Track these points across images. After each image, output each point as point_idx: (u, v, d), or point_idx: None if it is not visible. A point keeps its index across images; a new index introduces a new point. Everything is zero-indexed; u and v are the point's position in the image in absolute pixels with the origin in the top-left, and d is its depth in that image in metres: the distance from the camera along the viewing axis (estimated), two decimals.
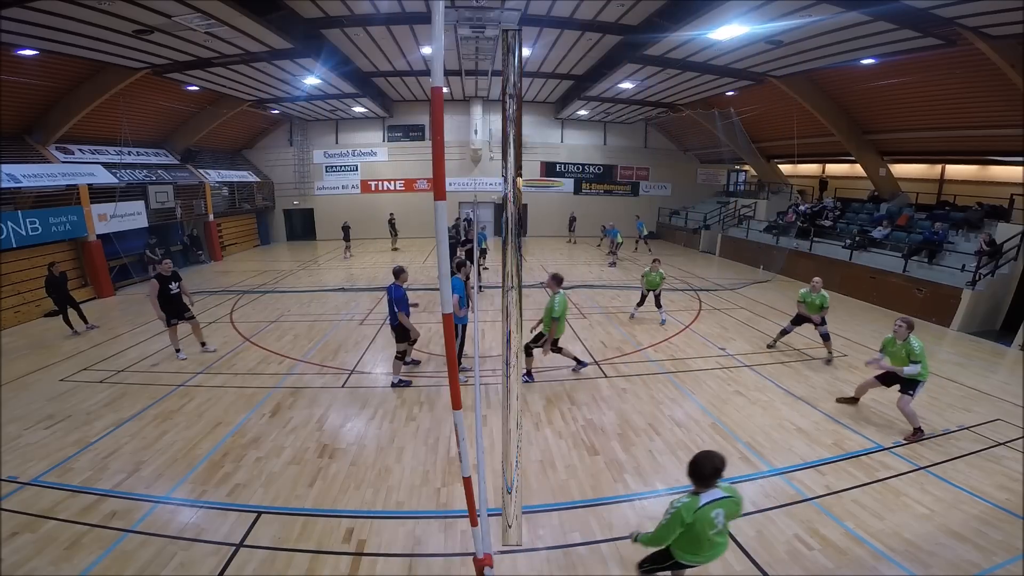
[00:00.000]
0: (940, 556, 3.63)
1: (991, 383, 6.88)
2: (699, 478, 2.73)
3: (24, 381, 6.87)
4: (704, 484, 2.73)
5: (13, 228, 9.95)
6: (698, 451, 2.83)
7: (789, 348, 8.22)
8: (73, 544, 3.72)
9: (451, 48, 11.61)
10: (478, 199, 20.67)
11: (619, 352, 7.93)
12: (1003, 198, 11.27)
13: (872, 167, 14.50)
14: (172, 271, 7.46)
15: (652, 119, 21.29)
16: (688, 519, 2.68)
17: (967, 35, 8.45)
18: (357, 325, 9.46)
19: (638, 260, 16.88)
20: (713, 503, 2.71)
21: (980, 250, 9.69)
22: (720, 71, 12.92)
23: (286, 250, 19.97)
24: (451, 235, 14.80)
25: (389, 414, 5.86)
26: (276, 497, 4.31)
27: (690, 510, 2.69)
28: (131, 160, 14.16)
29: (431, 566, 3.57)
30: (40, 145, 11.73)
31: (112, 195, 12.62)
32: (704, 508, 2.69)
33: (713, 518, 2.72)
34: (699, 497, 2.73)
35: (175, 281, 7.40)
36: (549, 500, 4.29)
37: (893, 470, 4.73)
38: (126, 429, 5.49)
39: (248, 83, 13.88)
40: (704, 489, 2.74)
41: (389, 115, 20.68)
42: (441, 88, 1.78)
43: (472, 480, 2.87)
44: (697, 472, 2.73)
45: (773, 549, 3.70)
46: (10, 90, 10.04)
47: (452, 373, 2.66)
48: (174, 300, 7.37)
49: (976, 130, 11.26)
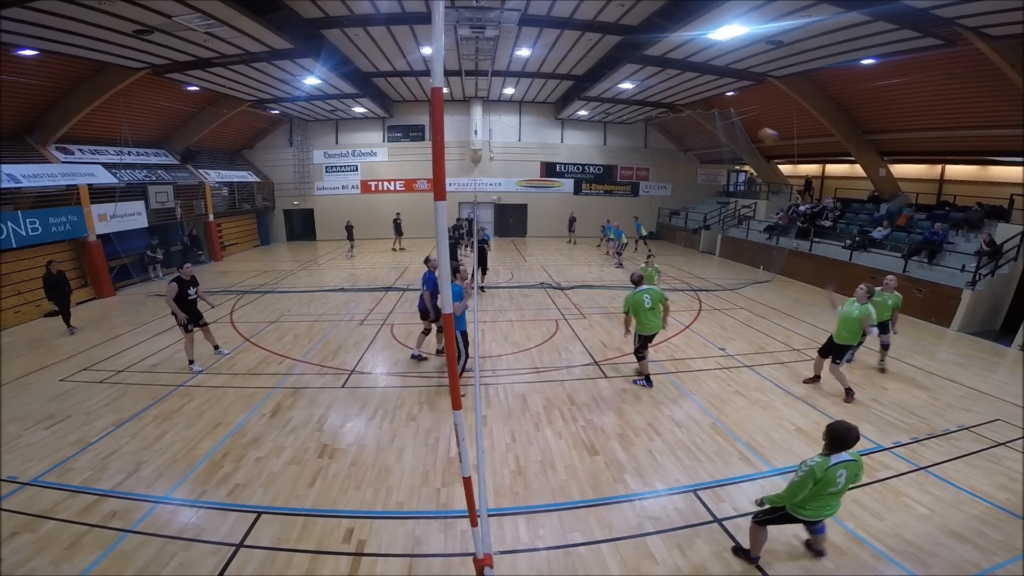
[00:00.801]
0: (940, 556, 3.63)
1: (991, 383, 6.88)
2: (838, 443, 3.09)
3: (24, 381, 6.87)
4: (838, 448, 3.10)
5: (13, 228, 9.96)
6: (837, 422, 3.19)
7: (789, 348, 8.22)
8: (73, 544, 3.72)
9: (451, 48, 11.65)
10: (478, 199, 20.75)
11: (619, 352, 7.93)
12: (1003, 198, 11.27)
13: (872, 167, 14.50)
14: (191, 276, 7.29)
15: (652, 119, 21.29)
16: (819, 476, 3.06)
17: (967, 35, 8.45)
18: (357, 325, 9.46)
19: (637, 260, 16.87)
20: (840, 464, 3.10)
21: (980, 250, 9.69)
22: (720, 71, 12.92)
23: (286, 250, 19.97)
24: (451, 236, 14.82)
25: (389, 414, 5.86)
26: (276, 497, 4.31)
27: (822, 468, 3.07)
28: (131, 160, 14.16)
29: (431, 566, 3.57)
30: (40, 145, 11.73)
31: (112, 195, 12.62)
32: (832, 468, 3.07)
33: (837, 478, 3.10)
34: (829, 458, 3.10)
35: (193, 286, 7.25)
36: (549, 500, 4.29)
37: (893, 470, 4.73)
38: (126, 429, 5.49)
39: (248, 83, 13.88)
40: (835, 452, 3.11)
41: (389, 115, 20.69)
42: (441, 88, 1.78)
43: (472, 480, 2.88)
44: (838, 438, 3.09)
45: (773, 549, 3.69)
46: (10, 90, 10.04)
47: (452, 373, 2.67)
48: (191, 305, 7.21)
49: (976, 130, 11.26)
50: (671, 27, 9.67)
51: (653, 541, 3.80)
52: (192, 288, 7.22)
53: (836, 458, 3.09)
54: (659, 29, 9.99)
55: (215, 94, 15.07)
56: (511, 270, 15.05)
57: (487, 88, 18.27)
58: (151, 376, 7.00)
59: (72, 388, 6.61)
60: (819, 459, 3.12)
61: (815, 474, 3.06)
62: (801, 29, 9.19)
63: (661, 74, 13.29)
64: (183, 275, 7.13)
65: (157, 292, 12.27)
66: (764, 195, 18.90)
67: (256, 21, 9.00)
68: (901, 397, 6.37)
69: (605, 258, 17.45)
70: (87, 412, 5.89)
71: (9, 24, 7.97)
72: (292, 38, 10.29)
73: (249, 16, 8.73)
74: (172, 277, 7.19)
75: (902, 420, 5.74)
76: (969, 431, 5.48)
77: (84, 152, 12.80)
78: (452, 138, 20.87)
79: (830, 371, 6.32)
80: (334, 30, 11.14)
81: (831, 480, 3.08)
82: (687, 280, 13.79)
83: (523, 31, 11.33)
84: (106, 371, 7.20)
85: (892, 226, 12.63)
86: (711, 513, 4.12)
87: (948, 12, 7.88)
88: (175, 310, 6.95)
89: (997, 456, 4.97)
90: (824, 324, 9.46)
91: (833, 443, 3.10)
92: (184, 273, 7.16)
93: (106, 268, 12.26)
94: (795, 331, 9.14)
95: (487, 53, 11.99)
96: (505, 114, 21.32)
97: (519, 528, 3.94)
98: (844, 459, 3.10)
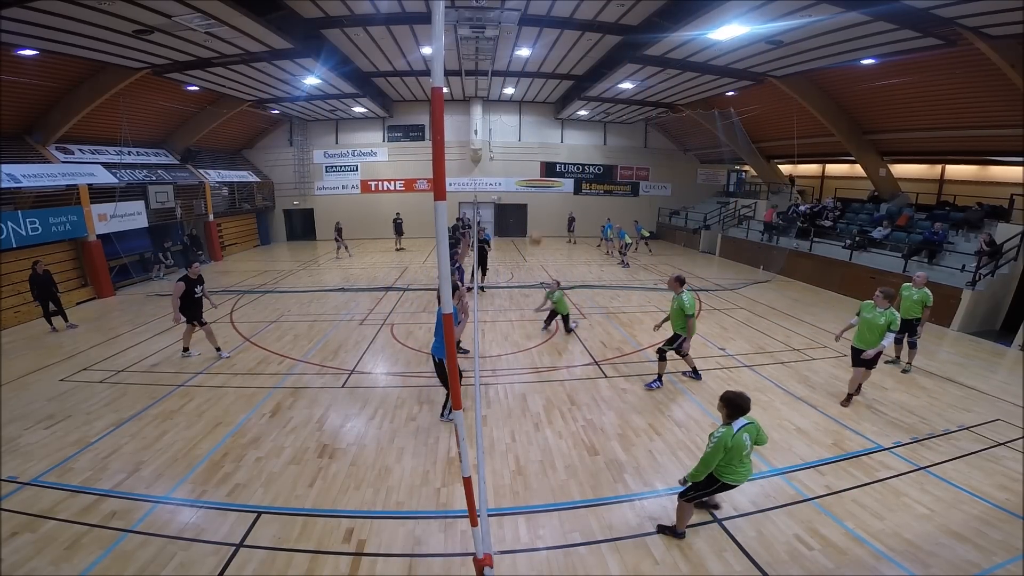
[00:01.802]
0: (940, 556, 3.63)
1: (991, 383, 6.88)
2: (737, 410, 3.43)
3: (24, 381, 6.87)
4: (736, 416, 3.44)
5: (13, 228, 9.96)
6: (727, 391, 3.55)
7: (789, 348, 8.22)
8: (73, 544, 3.72)
9: (451, 48, 11.64)
10: (478, 199, 20.74)
11: (619, 352, 7.93)
12: (1003, 198, 11.27)
13: (872, 167, 14.49)
14: (199, 275, 7.55)
15: (652, 119, 21.28)
16: (729, 443, 3.37)
17: (967, 35, 8.44)
18: (357, 325, 9.45)
19: (637, 260, 16.89)
20: (743, 428, 3.43)
21: (980, 250, 9.69)
22: (720, 71, 12.91)
23: (286, 250, 19.97)
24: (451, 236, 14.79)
25: (389, 414, 5.86)
26: (276, 497, 4.31)
27: (729, 436, 3.38)
28: (131, 160, 14.15)
29: (431, 566, 3.57)
30: (40, 145, 11.72)
31: (112, 195, 12.62)
32: (737, 434, 3.39)
33: (744, 441, 3.42)
34: (732, 426, 3.43)
35: (200, 285, 7.52)
36: (549, 500, 4.29)
37: (893, 470, 4.73)
38: (126, 429, 5.49)
39: (248, 83, 13.88)
40: (735, 419, 3.44)
41: (389, 115, 20.68)
42: (441, 88, 1.78)
43: (472, 480, 2.88)
44: (736, 405, 3.43)
45: (773, 549, 3.70)
46: (10, 90, 10.04)
47: (452, 373, 2.67)
48: (196, 304, 7.48)
49: (976, 130, 11.25)
50: (671, 27, 9.66)
51: (653, 541, 3.80)
52: (199, 287, 7.46)
53: (737, 424, 3.42)
54: (659, 29, 9.99)
55: (215, 94, 15.07)
56: (511, 270, 15.06)
57: (487, 88, 18.25)
58: (151, 376, 7.00)
59: (72, 388, 6.61)
60: (723, 429, 3.42)
61: (725, 442, 3.36)
62: (801, 29, 9.18)
63: (661, 74, 13.29)
64: (190, 274, 7.40)
65: (158, 292, 12.29)
66: (764, 195, 18.90)
67: (256, 21, 9.00)
68: (901, 397, 6.37)
69: (605, 258, 17.44)
70: (87, 412, 5.89)
71: (9, 24, 7.97)
72: (292, 38, 10.28)
73: (249, 16, 8.73)
74: (180, 276, 7.45)
75: (902, 420, 5.74)
76: (969, 431, 5.48)
77: (84, 152, 12.79)
78: (452, 138, 20.86)
79: (856, 375, 5.96)
80: (334, 30, 11.13)
81: (740, 444, 3.40)
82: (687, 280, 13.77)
83: (523, 31, 11.33)
84: (106, 371, 7.20)
85: (892, 226, 12.63)
86: (711, 513, 4.12)
87: (948, 12, 7.87)
88: (175, 307, 7.21)
89: (997, 456, 4.97)
90: (824, 324, 9.47)
91: (732, 411, 3.45)
92: (192, 272, 7.44)
93: (106, 268, 12.26)
94: (795, 331, 9.14)
95: (487, 53, 11.99)
96: (505, 114, 21.31)
97: (519, 528, 3.94)
98: (743, 423, 3.43)
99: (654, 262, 16.69)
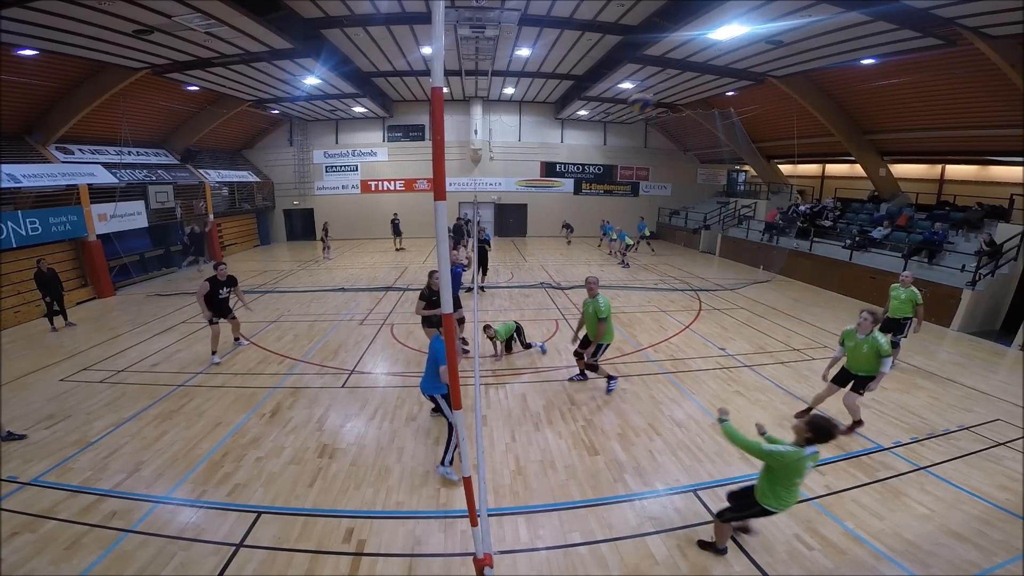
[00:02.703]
0: (940, 556, 3.63)
1: (991, 383, 6.88)
2: (821, 438, 3.12)
3: (24, 381, 6.87)
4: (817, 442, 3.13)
5: (13, 228, 9.95)
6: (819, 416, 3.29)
7: (789, 348, 8.21)
8: (73, 544, 3.72)
9: (451, 48, 11.64)
10: (478, 199, 20.73)
11: (619, 352, 7.93)
12: (1003, 198, 11.27)
13: (872, 167, 14.49)
14: (227, 276, 7.65)
15: (652, 119, 21.27)
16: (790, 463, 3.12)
17: (967, 35, 8.44)
18: (357, 325, 9.45)
19: (638, 260, 16.90)
20: (812, 455, 3.15)
21: (980, 250, 9.69)
22: (720, 71, 12.91)
23: (286, 250, 19.96)
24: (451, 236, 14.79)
25: (389, 414, 5.86)
26: (276, 497, 4.31)
27: (795, 456, 3.12)
28: (131, 160, 14.15)
29: (431, 566, 3.57)
30: (40, 145, 11.72)
31: (112, 195, 12.61)
32: (804, 458, 3.12)
33: (806, 468, 3.18)
34: (803, 449, 3.14)
35: (227, 287, 7.61)
36: (549, 500, 4.29)
37: (893, 470, 4.73)
38: (126, 429, 5.49)
39: (248, 83, 13.88)
40: (810, 445, 3.15)
41: (389, 115, 20.67)
42: (441, 88, 1.78)
43: (472, 480, 2.88)
44: (825, 432, 3.12)
45: (773, 549, 3.70)
46: (10, 90, 10.03)
47: (452, 373, 2.67)
48: (220, 303, 7.58)
49: (976, 130, 11.25)
50: (671, 27, 9.66)
51: (653, 541, 3.80)
52: (225, 288, 7.59)
53: (810, 449, 3.14)
54: (659, 29, 9.99)
55: (215, 94, 15.06)
56: (511, 270, 15.05)
57: (487, 88, 18.25)
58: (151, 376, 7.01)
59: (72, 388, 6.61)
60: (793, 447, 3.16)
61: (789, 460, 3.12)
62: (801, 29, 9.18)
63: (661, 74, 13.28)
64: (219, 275, 7.52)
65: (157, 292, 12.29)
66: (764, 195, 18.89)
67: (256, 21, 9.00)
68: (901, 397, 6.37)
69: (606, 258, 17.44)
70: (87, 412, 5.89)
71: (9, 24, 7.96)
72: (292, 38, 10.28)
73: (249, 16, 8.73)
74: (207, 276, 7.58)
75: (902, 420, 5.74)
76: (969, 431, 5.48)
77: (84, 152, 12.79)
78: (452, 138, 20.85)
79: (847, 402, 5.36)
80: (334, 30, 11.13)
81: (800, 470, 3.15)
82: (687, 280, 13.79)
83: (523, 31, 11.32)
84: (106, 371, 7.20)
85: (892, 226, 12.63)
86: (711, 513, 4.11)
87: (948, 12, 7.87)
88: (202, 306, 7.35)
89: (997, 456, 4.97)
90: (825, 324, 9.48)
91: (815, 437, 3.12)
92: (220, 274, 7.55)
93: (106, 268, 12.25)
94: (795, 331, 9.14)
95: (487, 53, 11.99)
96: (505, 114, 21.30)
97: (519, 528, 3.94)
98: (813, 451, 3.15)
99: (654, 262, 16.70)
